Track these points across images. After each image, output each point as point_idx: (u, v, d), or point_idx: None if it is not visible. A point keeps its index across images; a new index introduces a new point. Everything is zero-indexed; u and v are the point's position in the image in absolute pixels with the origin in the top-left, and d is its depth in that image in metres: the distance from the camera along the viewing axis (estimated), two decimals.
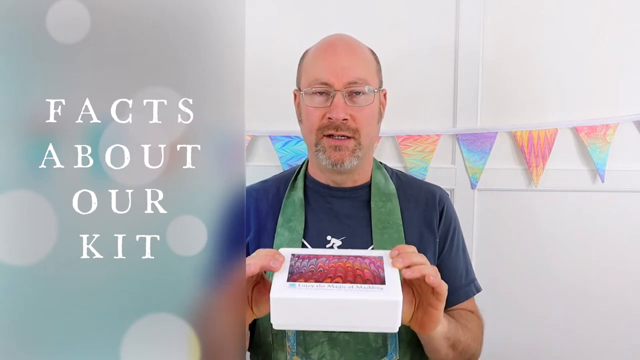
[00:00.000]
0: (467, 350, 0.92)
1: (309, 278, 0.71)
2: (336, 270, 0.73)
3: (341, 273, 0.72)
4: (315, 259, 0.76)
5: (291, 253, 0.77)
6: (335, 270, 0.73)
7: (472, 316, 0.99)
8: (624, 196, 1.36)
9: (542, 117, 1.35)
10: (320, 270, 0.73)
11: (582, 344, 1.40)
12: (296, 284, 0.70)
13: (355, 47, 0.97)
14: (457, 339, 0.88)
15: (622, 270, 1.38)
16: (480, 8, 1.32)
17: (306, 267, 0.74)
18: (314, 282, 0.70)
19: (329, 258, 0.76)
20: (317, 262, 0.75)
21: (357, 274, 0.72)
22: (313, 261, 0.75)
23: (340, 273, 0.72)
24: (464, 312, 0.99)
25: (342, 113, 0.92)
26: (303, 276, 0.72)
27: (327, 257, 0.76)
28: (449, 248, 1.01)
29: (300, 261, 0.75)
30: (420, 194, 1.03)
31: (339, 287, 0.69)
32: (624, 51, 1.33)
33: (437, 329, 0.81)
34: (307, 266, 0.74)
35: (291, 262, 0.75)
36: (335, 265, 0.74)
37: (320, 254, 0.77)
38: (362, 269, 0.73)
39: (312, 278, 0.71)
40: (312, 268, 0.74)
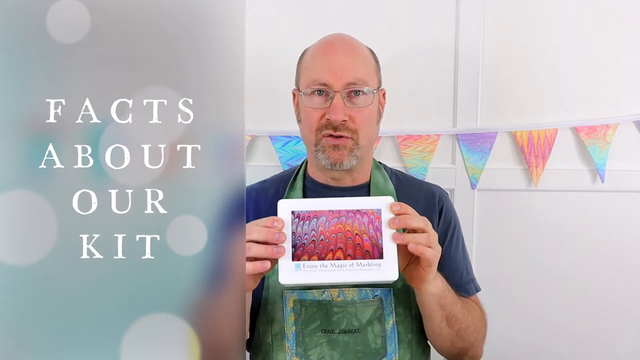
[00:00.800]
0: (464, 333, 0.91)
1: (312, 254, 0.76)
2: (337, 240, 0.77)
3: (342, 243, 0.77)
4: (316, 219, 0.78)
5: (291, 211, 0.79)
6: (336, 240, 0.77)
7: (476, 306, 1.00)
8: (624, 196, 1.36)
9: (542, 117, 1.35)
10: (322, 240, 0.77)
11: (582, 344, 1.40)
12: (301, 264, 0.76)
13: (355, 47, 0.97)
14: (454, 313, 0.89)
15: (622, 270, 1.38)
16: (480, 8, 1.32)
17: (308, 235, 0.77)
18: (317, 259, 0.76)
19: (328, 217, 0.78)
20: (317, 224, 0.78)
21: (357, 243, 0.76)
22: (314, 223, 0.78)
23: (340, 243, 0.77)
24: (469, 300, 0.99)
25: (341, 114, 0.92)
26: (306, 251, 0.76)
27: (326, 216, 0.78)
28: (448, 246, 1.01)
29: (301, 224, 0.78)
30: (420, 193, 1.03)
31: (341, 267, 0.76)
32: (624, 51, 1.33)
33: (429, 289, 0.84)
34: (308, 232, 0.77)
35: (292, 227, 0.78)
36: (335, 229, 0.77)
37: (319, 208, 0.79)
38: (361, 235, 0.77)
39: (314, 254, 0.76)
40: (313, 236, 0.77)
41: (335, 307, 0.92)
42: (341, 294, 0.92)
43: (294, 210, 0.79)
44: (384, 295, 0.93)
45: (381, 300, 0.93)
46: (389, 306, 0.93)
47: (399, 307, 0.93)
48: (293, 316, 0.92)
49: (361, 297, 0.92)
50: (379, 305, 0.92)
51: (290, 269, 0.76)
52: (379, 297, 0.93)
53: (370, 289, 0.93)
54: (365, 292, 0.93)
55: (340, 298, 0.92)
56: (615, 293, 1.38)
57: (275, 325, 0.94)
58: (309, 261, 0.76)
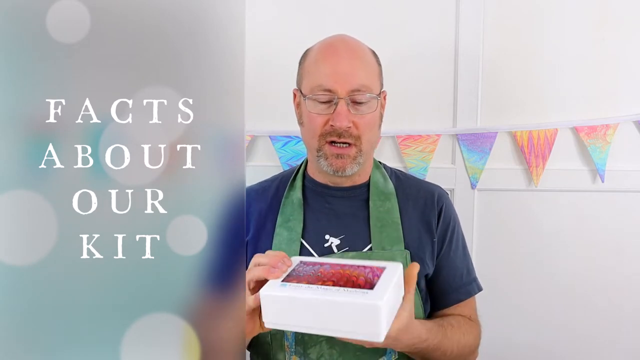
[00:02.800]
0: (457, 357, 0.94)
1: (302, 280, 0.74)
2: (332, 275, 0.75)
3: (335, 278, 0.74)
4: (320, 266, 0.77)
5: (300, 260, 0.79)
6: (332, 275, 0.75)
7: (466, 324, 0.99)
8: (624, 196, 1.36)
9: (542, 117, 1.35)
10: (318, 275, 0.75)
11: (582, 344, 1.40)
12: (287, 284, 0.73)
13: (358, 50, 0.96)
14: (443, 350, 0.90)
15: (622, 270, 1.38)
16: (480, 8, 1.32)
17: (306, 272, 0.76)
18: (306, 283, 0.73)
19: (332, 266, 0.77)
20: (319, 268, 0.77)
21: (352, 279, 0.73)
22: (317, 267, 0.77)
23: (334, 278, 0.74)
24: (459, 319, 0.99)
25: (345, 121, 0.91)
26: (298, 279, 0.74)
27: (331, 265, 0.77)
28: (448, 247, 1.01)
29: (304, 267, 0.77)
30: (419, 193, 1.03)
31: (326, 289, 0.71)
32: (624, 51, 1.33)
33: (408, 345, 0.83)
34: (307, 271, 0.76)
35: (295, 267, 0.77)
36: (335, 272, 0.75)
37: (327, 261, 0.78)
38: (357, 276, 0.74)
39: (305, 280, 0.74)
40: (311, 272, 0.76)
41: None
42: None
43: (302, 260, 0.80)
44: None
45: None
46: None
47: None
48: None
49: None
50: None
51: (276, 285, 0.73)
52: None
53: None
54: None
55: None
56: (615, 293, 1.38)
57: None
58: (297, 283, 0.73)
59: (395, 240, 0.96)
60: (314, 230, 0.97)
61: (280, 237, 0.97)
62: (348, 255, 0.94)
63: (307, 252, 0.95)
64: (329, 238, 0.96)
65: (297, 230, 0.97)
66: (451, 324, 0.95)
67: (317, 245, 0.96)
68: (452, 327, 0.94)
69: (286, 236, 0.96)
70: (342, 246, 0.96)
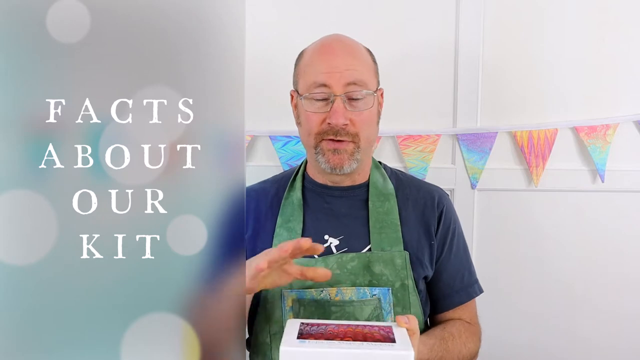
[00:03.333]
0: None
1: (319, 337, 0.72)
2: (346, 332, 0.74)
3: (351, 335, 0.74)
4: (325, 326, 0.76)
5: (300, 322, 0.78)
6: (345, 332, 0.74)
7: (466, 330, 1.00)
8: (624, 196, 1.36)
9: (542, 117, 1.35)
10: (330, 332, 0.74)
11: (582, 344, 1.40)
12: (306, 341, 0.71)
13: (353, 48, 0.97)
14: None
15: (622, 270, 1.38)
16: (480, 8, 1.32)
17: (316, 331, 0.75)
18: (325, 339, 0.71)
19: (338, 325, 0.77)
20: (326, 328, 0.76)
21: (367, 335, 0.74)
22: (322, 327, 0.76)
23: (350, 335, 0.74)
24: (459, 326, 0.99)
25: (341, 118, 0.92)
26: (313, 336, 0.73)
27: (336, 325, 0.77)
28: (449, 249, 1.01)
29: (310, 327, 0.76)
30: (419, 194, 1.03)
31: (350, 344, 0.70)
32: (624, 51, 1.33)
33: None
34: (316, 330, 0.75)
35: (300, 328, 0.75)
36: (344, 330, 0.75)
37: (329, 322, 0.78)
38: (371, 333, 0.75)
39: (322, 337, 0.72)
40: (321, 331, 0.74)
41: (334, 306, 0.92)
42: (339, 294, 0.92)
43: (303, 322, 0.78)
44: (382, 295, 0.93)
45: (379, 299, 0.93)
46: (387, 305, 0.93)
47: (397, 307, 0.93)
48: (291, 315, 0.92)
49: (359, 296, 0.92)
50: (377, 305, 0.92)
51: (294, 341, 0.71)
52: (377, 296, 0.93)
53: (368, 289, 0.93)
54: (363, 292, 0.93)
55: (338, 297, 0.92)
56: (615, 293, 1.38)
57: (274, 324, 0.94)
58: (315, 340, 0.72)
59: (395, 241, 0.96)
60: (314, 231, 0.97)
61: (280, 237, 0.97)
62: (347, 256, 0.94)
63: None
64: (328, 238, 0.96)
65: (297, 230, 0.97)
66: (452, 335, 0.96)
67: None
68: (453, 339, 0.95)
69: (286, 237, 0.96)
70: (341, 247, 0.96)
